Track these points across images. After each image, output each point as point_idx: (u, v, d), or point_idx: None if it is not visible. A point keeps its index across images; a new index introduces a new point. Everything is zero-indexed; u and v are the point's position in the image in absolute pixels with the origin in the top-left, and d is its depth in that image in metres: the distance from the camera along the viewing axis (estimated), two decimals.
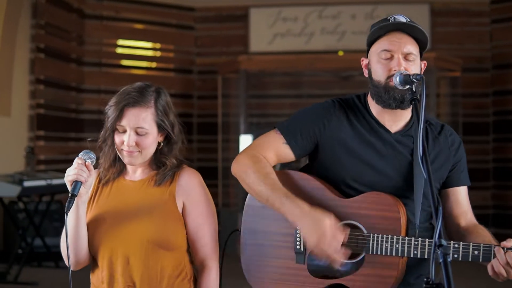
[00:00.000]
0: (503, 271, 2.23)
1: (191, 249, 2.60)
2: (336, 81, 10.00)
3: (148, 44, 10.23)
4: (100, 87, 9.47)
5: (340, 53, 9.54)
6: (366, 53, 2.60)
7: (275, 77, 10.16)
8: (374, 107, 2.56)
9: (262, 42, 10.21)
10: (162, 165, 2.58)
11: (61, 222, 2.60)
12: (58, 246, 2.72)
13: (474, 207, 2.70)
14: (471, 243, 2.27)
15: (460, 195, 2.61)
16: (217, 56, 10.30)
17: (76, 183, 2.38)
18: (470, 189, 2.70)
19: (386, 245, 2.34)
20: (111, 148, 2.55)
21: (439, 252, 1.83)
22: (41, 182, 6.61)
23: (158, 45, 10.32)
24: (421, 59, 2.54)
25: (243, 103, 9.10)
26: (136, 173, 2.61)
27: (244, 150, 2.61)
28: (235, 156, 2.56)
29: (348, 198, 2.48)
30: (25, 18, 8.27)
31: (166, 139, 2.59)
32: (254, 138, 9.54)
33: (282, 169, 2.65)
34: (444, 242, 1.86)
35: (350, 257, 2.41)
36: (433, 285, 1.83)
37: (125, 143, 2.48)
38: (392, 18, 2.50)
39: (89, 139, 2.65)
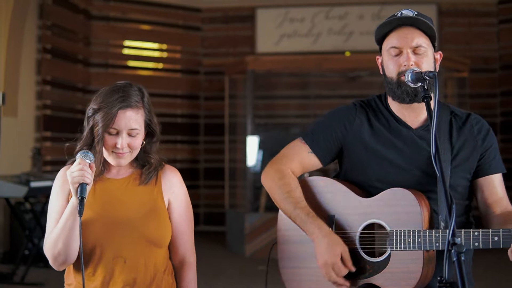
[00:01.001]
0: None
1: (171, 245, 2.63)
2: (343, 82, 10.00)
3: (155, 45, 10.24)
4: None
5: (347, 54, 9.53)
6: (379, 51, 2.60)
7: (282, 77, 10.17)
8: (394, 105, 2.57)
9: (269, 43, 10.22)
10: (146, 163, 2.59)
11: None
12: None
13: None
14: (490, 229, 2.24)
15: (493, 183, 2.55)
16: (224, 57, 10.32)
17: (82, 185, 2.35)
18: None
19: (409, 240, 2.34)
20: (100, 153, 2.51)
21: (452, 251, 1.81)
22: (48, 183, 6.60)
23: (164, 46, 10.33)
24: (436, 50, 2.53)
25: (250, 104, 9.08)
26: (118, 171, 2.60)
27: (271, 162, 2.66)
28: (242, 157, 2.61)
29: (370, 197, 2.49)
30: (31, 19, 8.29)
31: (148, 137, 2.59)
32: (261, 139, 9.59)
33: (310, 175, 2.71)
34: (457, 240, 1.83)
35: (378, 255, 2.44)
36: (447, 284, 1.81)
37: (118, 145, 2.46)
38: (399, 13, 2.50)
39: (67, 143, 2.59)
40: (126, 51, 10.08)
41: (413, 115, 2.53)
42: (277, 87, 10.25)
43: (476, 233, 2.24)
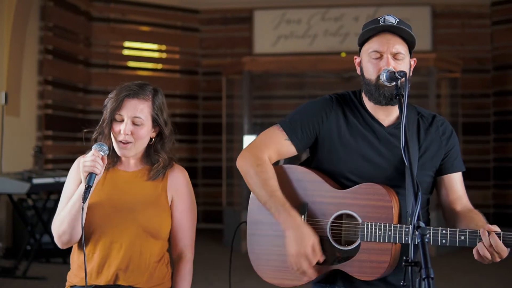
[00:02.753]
0: (487, 254, 2.31)
1: (171, 239, 2.82)
2: (339, 82, 10.10)
3: (154, 46, 10.39)
4: (107, 88, 9.58)
5: (343, 55, 9.64)
6: (358, 51, 2.72)
7: (278, 78, 10.28)
8: (368, 103, 2.69)
9: (266, 44, 10.35)
10: (155, 161, 2.78)
11: None
12: None
13: (475, 206, 2.75)
14: (457, 229, 2.38)
15: (454, 181, 2.69)
16: (222, 58, 10.45)
17: (91, 175, 2.54)
18: (471, 188, 2.76)
19: (379, 232, 2.48)
20: (107, 138, 2.72)
21: (417, 233, 1.98)
22: (50, 180, 6.73)
23: (163, 47, 10.47)
24: (411, 56, 2.66)
25: (247, 104, 9.20)
26: (129, 164, 2.80)
27: (249, 147, 2.73)
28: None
29: (344, 189, 2.61)
30: (33, 20, 8.43)
31: (158, 135, 2.79)
32: None
33: (286, 163, 2.79)
34: (422, 224, 2.00)
35: (348, 244, 2.56)
36: (412, 264, 1.98)
37: (121, 131, 2.66)
38: (382, 19, 2.61)
39: (85, 130, 2.83)
40: (126, 52, 10.23)
41: (385, 114, 2.65)
42: (274, 87, 10.37)
43: (444, 231, 2.37)
